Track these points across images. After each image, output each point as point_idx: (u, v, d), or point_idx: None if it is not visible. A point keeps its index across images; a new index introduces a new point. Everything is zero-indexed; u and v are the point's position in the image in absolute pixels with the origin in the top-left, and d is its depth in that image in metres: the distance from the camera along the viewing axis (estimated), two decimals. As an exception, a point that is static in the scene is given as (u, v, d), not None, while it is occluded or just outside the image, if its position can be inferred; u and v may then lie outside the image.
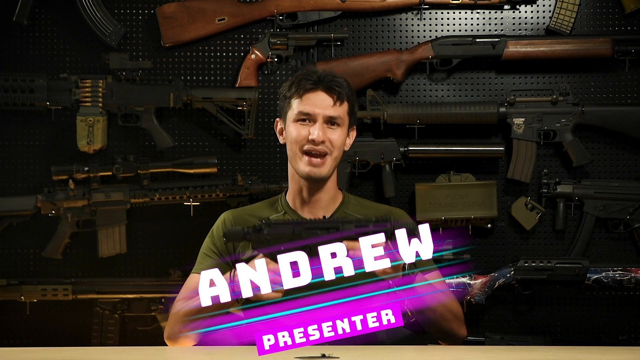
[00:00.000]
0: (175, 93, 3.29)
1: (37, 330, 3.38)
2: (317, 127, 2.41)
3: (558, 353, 2.30)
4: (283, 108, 2.48)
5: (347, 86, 2.45)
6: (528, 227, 3.35)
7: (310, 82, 2.42)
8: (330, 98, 2.42)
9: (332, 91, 2.42)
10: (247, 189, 3.29)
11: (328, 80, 2.43)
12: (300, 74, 2.48)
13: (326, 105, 2.42)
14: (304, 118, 2.42)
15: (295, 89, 2.44)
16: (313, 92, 2.42)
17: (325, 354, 2.02)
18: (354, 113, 2.49)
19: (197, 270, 2.48)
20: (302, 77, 2.45)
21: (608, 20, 3.36)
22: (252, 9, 3.34)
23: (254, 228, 2.27)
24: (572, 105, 3.30)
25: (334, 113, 2.42)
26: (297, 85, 2.44)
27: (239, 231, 2.29)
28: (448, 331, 2.43)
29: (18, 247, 3.39)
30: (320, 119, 2.41)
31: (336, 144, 2.43)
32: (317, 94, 2.42)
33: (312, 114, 2.42)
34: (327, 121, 2.42)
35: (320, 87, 2.42)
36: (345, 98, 2.43)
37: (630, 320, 3.39)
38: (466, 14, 3.39)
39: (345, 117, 2.44)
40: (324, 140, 2.40)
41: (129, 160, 3.29)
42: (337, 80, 2.44)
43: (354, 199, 2.57)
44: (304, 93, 2.42)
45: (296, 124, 2.43)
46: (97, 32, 3.31)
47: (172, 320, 2.41)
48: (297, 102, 2.43)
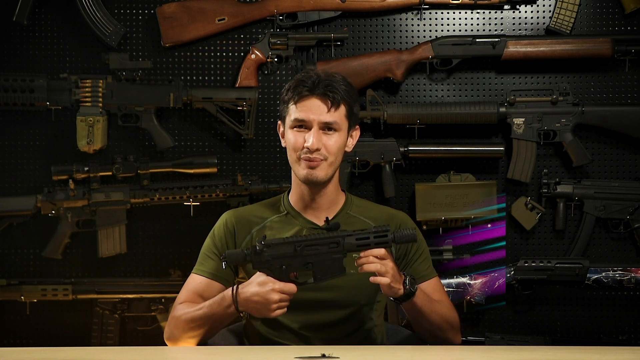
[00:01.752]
0: (175, 93, 3.29)
1: (37, 330, 3.38)
2: (312, 135, 2.39)
3: (558, 353, 2.30)
4: (283, 113, 2.47)
5: (344, 89, 2.42)
6: (528, 227, 3.35)
7: (306, 89, 2.40)
8: (324, 105, 2.40)
9: (326, 97, 2.40)
10: (247, 189, 3.29)
11: (323, 85, 2.40)
12: (297, 78, 2.45)
13: (321, 112, 2.40)
14: (300, 124, 2.42)
15: (292, 94, 2.43)
16: (307, 98, 2.40)
17: (325, 354, 2.02)
18: (353, 114, 2.47)
19: (198, 271, 2.48)
20: (298, 83, 2.43)
21: (608, 20, 3.36)
22: (252, 9, 3.34)
23: (254, 250, 2.27)
24: (572, 105, 3.30)
25: (329, 119, 2.40)
26: (293, 91, 2.42)
27: (240, 253, 2.29)
28: (444, 340, 2.43)
29: (18, 247, 3.39)
30: (315, 125, 2.40)
31: (332, 150, 2.41)
32: (312, 101, 2.41)
33: (307, 121, 2.40)
34: (322, 127, 2.41)
35: (315, 93, 2.40)
36: (340, 102, 2.41)
37: (630, 320, 3.39)
38: (466, 14, 3.39)
39: (342, 121, 2.43)
40: (318, 147, 2.39)
41: (129, 160, 3.29)
42: (333, 85, 2.41)
43: (357, 201, 2.56)
44: (299, 99, 2.41)
45: (293, 131, 2.43)
46: (97, 32, 3.31)
47: (172, 323, 2.41)
48: (293, 109, 2.42)
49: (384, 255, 2.25)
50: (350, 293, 2.41)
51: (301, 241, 2.28)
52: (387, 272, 2.25)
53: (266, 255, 2.27)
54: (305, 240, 2.29)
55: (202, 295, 2.42)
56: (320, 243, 2.28)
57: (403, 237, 2.26)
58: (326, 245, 2.27)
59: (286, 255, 2.27)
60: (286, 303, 2.28)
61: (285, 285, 2.26)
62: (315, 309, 2.41)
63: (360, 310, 2.44)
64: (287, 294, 2.27)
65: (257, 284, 2.28)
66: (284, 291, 2.26)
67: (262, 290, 2.26)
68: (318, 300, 2.39)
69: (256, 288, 2.27)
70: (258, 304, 2.27)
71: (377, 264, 2.24)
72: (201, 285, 2.45)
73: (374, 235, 2.26)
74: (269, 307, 2.26)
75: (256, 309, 2.29)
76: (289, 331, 2.42)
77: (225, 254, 2.32)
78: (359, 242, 2.26)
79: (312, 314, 2.42)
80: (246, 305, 2.29)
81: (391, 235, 2.25)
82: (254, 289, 2.28)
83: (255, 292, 2.27)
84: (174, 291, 2.54)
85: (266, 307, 2.26)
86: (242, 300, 2.29)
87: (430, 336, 2.43)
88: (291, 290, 2.27)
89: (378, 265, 2.24)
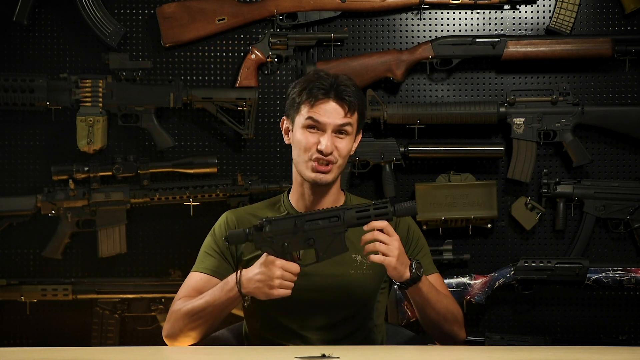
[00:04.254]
0: (175, 93, 3.29)
1: (37, 330, 3.38)
2: (327, 138, 2.39)
3: (558, 353, 2.30)
4: (291, 110, 2.45)
5: (357, 94, 2.43)
6: (528, 227, 3.35)
7: (322, 92, 2.40)
8: (342, 109, 2.40)
9: (343, 101, 2.39)
10: (247, 189, 3.29)
11: (340, 89, 2.40)
12: (311, 78, 2.43)
13: (337, 116, 2.40)
14: (314, 126, 2.41)
15: (307, 96, 2.40)
16: (324, 102, 2.39)
17: (325, 354, 2.02)
18: (363, 120, 2.48)
19: (198, 268, 2.48)
20: (313, 85, 2.40)
21: (608, 20, 3.36)
22: (252, 9, 3.34)
23: (255, 227, 2.27)
24: (572, 105, 3.30)
25: (344, 123, 2.41)
26: (309, 93, 2.40)
27: (241, 233, 2.28)
28: (449, 333, 2.43)
29: (18, 247, 3.39)
30: (329, 129, 2.39)
31: (343, 153, 2.42)
32: (329, 104, 2.40)
33: (322, 123, 2.39)
34: (335, 130, 2.41)
35: (332, 96, 2.39)
36: (356, 108, 2.42)
37: (630, 320, 3.39)
38: (466, 14, 3.39)
39: (354, 125, 2.43)
40: (332, 151, 2.39)
41: (129, 160, 3.29)
42: (349, 90, 2.40)
43: (356, 200, 2.57)
44: (315, 102, 2.39)
45: (305, 131, 2.41)
46: (97, 32, 3.31)
47: (172, 318, 2.41)
48: (307, 110, 2.40)
49: (389, 231, 2.25)
50: (350, 293, 2.41)
51: (301, 216, 2.28)
52: (392, 252, 2.24)
53: (267, 232, 2.26)
54: (306, 215, 2.29)
55: (201, 291, 2.41)
56: (321, 217, 2.27)
57: (403, 209, 2.26)
58: (327, 219, 2.27)
59: (287, 231, 2.26)
60: (289, 283, 2.25)
61: (287, 263, 2.25)
62: (315, 310, 2.41)
63: (360, 310, 2.44)
64: (289, 272, 2.25)
65: (260, 264, 2.27)
66: (286, 268, 2.24)
67: (264, 268, 2.25)
68: (318, 300, 2.39)
69: (259, 268, 2.27)
70: (260, 282, 2.25)
71: (381, 245, 2.24)
72: (200, 281, 2.44)
73: (374, 207, 2.26)
74: (271, 284, 2.24)
75: (259, 289, 2.26)
76: (288, 332, 2.42)
77: (227, 234, 2.32)
78: (359, 215, 2.26)
79: (312, 314, 2.41)
80: (249, 286, 2.27)
81: (391, 207, 2.25)
82: (257, 269, 2.27)
83: (258, 271, 2.26)
84: (174, 291, 2.53)
85: (268, 284, 2.24)
86: (245, 280, 2.27)
87: (436, 328, 2.42)
88: (294, 269, 2.25)
89: (383, 247, 2.24)
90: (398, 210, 2.26)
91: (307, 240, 2.27)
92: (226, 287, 2.32)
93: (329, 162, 2.40)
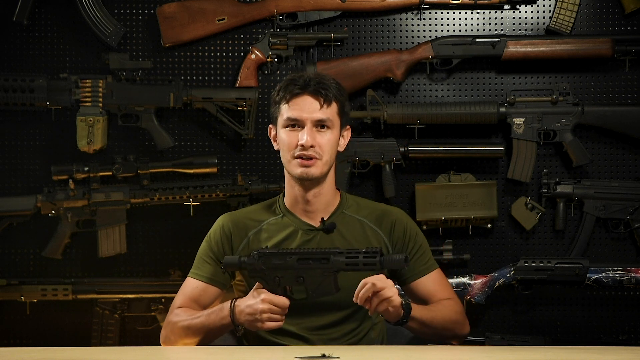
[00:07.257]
0: (175, 93, 3.29)
1: (37, 330, 3.38)
2: (306, 132, 2.40)
3: (558, 353, 2.30)
4: (274, 114, 2.48)
5: (335, 87, 2.44)
6: (528, 227, 3.35)
7: (297, 87, 2.42)
8: (317, 101, 2.42)
9: (318, 94, 2.41)
10: (247, 189, 3.29)
11: (314, 83, 2.42)
12: (288, 78, 2.48)
13: (313, 109, 2.41)
14: (293, 123, 2.42)
15: (283, 94, 2.44)
16: (300, 96, 2.42)
17: (325, 354, 2.02)
18: (344, 113, 2.48)
19: (194, 275, 2.49)
20: (289, 82, 2.45)
21: (608, 20, 3.36)
22: (252, 9, 3.34)
23: (249, 258, 2.31)
24: (572, 105, 3.30)
25: (322, 116, 2.42)
26: (285, 90, 2.44)
27: (236, 261, 2.34)
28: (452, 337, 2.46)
29: (18, 247, 3.39)
30: (308, 123, 2.41)
31: (325, 148, 2.42)
32: (304, 99, 2.42)
33: (300, 119, 2.41)
34: (315, 125, 2.42)
35: (307, 91, 2.42)
36: (332, 99, 2.43)
37: (630, 320, 3.39)
38: (466, 14, 3.39)
39: (334, 118, 2.44)
40: (312, 144, 2.40)
41: (129, 160, 3.29)
42: (324, 83, 2.43)
43: (352, 199, 2.57)
44: (291, 98, 2.42)
45: (286, 130, 2.44)
46: (97, 32, 3.31)
47: (169, 328, 2.43)
48: (286, 108, 2.43)
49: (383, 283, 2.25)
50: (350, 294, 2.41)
51: (292, 253, 2.30)
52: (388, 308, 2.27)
53: (260, 264, 2.29)
54: (296, 253, 2.31)
55: (199, 300, 2.44)
56: (312, 257, 2.29)
57: (391, 262, 2.24)
58: (317, 260, 2.28)
59: (278, 266, 2.29)
60: (278, 317, 2.28)
61: (275, 297, 2.27)
62: (314, 311, 2.41)
63: (360, 310, 2.44)
64: (278, 306, 2.27)
65: (251, 296, 2.31)
66: (274, 303, 2.27)
67: (252, 301, 2.29)
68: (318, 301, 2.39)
69: (249, 300, 2.30)
70: (250, 315, 2.29)
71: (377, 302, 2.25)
72: (197, 289, 2.46)
73: (363, 255, 2.26)
74: (259, 318, 2.27)
75: (249, 322, 2.30)
76: (288, 333, 2.42)
77: (223, 261, 2.36)
78: (347, 261, 2.27)
79: (311, 315, 2.42)
80: (240, 318, 2.31)
81: (380, 257, 2.23)
82: (247, 301, 2.31)
83: (248, 304, 2.30)
84: (174, 291, 2.54)
85: (255, 317, 2.28)
86: (237, 312, 2.32)
87: (439, 339, 2.44)
88: (282, 304, 2.28)
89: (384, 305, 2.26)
90: (385, 263, 2.24)
91: (298, 278, 2.29)
92: (221, 313, 2.35)
93: (312, 157, 2.41)
